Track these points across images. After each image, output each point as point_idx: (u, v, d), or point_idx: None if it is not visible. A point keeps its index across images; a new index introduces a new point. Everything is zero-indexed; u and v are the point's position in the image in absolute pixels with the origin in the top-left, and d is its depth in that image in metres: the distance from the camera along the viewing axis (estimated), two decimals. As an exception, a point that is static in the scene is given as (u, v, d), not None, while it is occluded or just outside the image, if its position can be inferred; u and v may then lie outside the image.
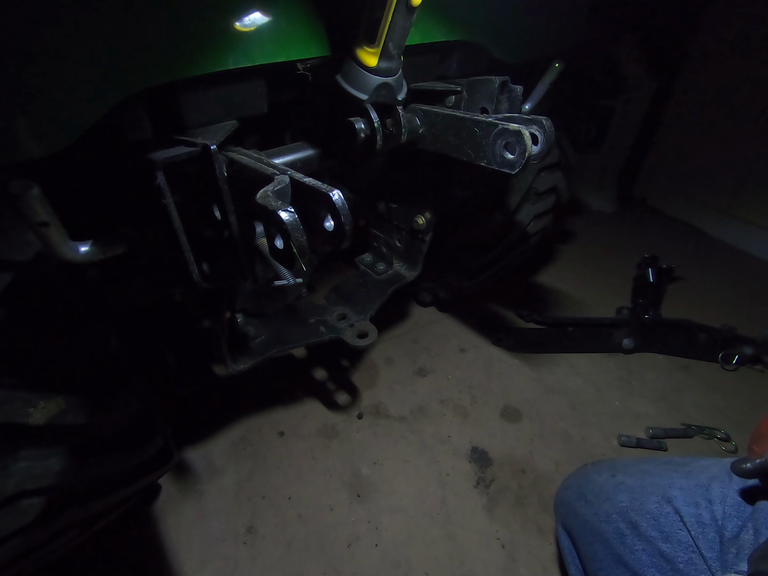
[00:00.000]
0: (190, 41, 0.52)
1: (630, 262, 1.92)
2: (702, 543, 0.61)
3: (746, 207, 1.99)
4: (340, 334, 0.94)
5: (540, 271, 1.88)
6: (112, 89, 0.48)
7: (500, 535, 0.99)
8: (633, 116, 2.13)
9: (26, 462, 0.57)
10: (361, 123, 0.68)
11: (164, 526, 0.99)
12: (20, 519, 0.59)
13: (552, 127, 0.64)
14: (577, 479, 0.84)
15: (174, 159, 0.54)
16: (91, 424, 0.64)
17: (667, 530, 0.64)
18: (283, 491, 1.06)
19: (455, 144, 0.70)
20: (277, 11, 0.57)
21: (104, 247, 0.58)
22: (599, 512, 0.73)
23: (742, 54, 1.84)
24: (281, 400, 1.28)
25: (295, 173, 0.50)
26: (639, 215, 2.35)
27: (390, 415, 1.25)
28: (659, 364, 1.43)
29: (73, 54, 0.45)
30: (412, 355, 1.45)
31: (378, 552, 0.96)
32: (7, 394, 0.54)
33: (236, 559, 0.94)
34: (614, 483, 0.75)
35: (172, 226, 0.57)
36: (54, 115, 0.46)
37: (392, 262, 1.12)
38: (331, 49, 0.63)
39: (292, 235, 0.43)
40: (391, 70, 0.62)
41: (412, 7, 0.54)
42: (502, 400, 1.30)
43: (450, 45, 0.78)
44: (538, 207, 1.27)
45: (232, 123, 0.63)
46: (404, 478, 1.10)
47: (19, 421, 0.55)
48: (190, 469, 1.10)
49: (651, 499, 0.68)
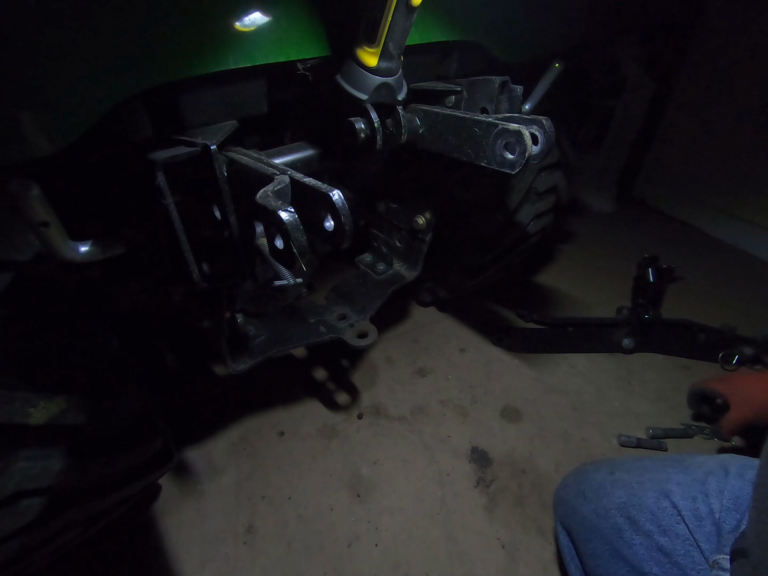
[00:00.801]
0: (190, 41, 0.52)
1: (630, 262, 1.92)
2: (699, 536, 0.62)
3: (746, 207, 1.99)
4: (340, 334, 0.94)
5: (540, 271, 1.88)
6: (112, 89, 0.48)
7: (500, 535, 0.99)
8: (633, 116, 2.13)
9: (26, 462, 0.57)
10: (361, 123, 0.68)
11: (164, 526, 0.99)
12: (20, 519, 0.59)
13: (552, 127, 0.64)
14: (575, 477, 0.85)
15: (174, 159, 0.54)
16: (91, 424, 0.64)
17: (664, 524, 0.66)
18: (283, 491, 1.06)
19: (455, 144, 0.70)
20: (277, 11, 0.57)
21: (104, 247, 0.58)
22: (598, 508, 0.74)
23: (742, 54, 1.84)
24: (281, 400, 1.28)
25: (295, 173, 0.50)
26: (639, 215, 2.35)
27: (390, 415, 1.25)
28: (659, 364, 1.43)
29: (73, 54, 0.45)
30: (412, 355, 1.45)
31: (378, 552, 0.96)
32: (7, 394, 0.54)
33: (236, 559, 0.94)
34: (612, 480, 0.76)
35: (172, 226, 0.57)
36: (54, 115, 0.46)
37: (392, 262, 1.12)
38: (331, 49, 0.63)
39: (292, 235, 0.43)
40: (391, 70, 0.62)
41: (412, 7, 0.54)
42: (502, 400, 1.30)
43: (450, 45, 0.78)
44: (538, 207, 1.27)
45: (232, 123, 0.63)
46: (404, 478, 1.10)
47: (19, 421, 0.55)
48: (190, 469, 1.10)
49: (649, 495, 0.69)
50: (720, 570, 0.58)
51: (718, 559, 0.59)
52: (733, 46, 1.87)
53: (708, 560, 0.61)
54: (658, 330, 1.46)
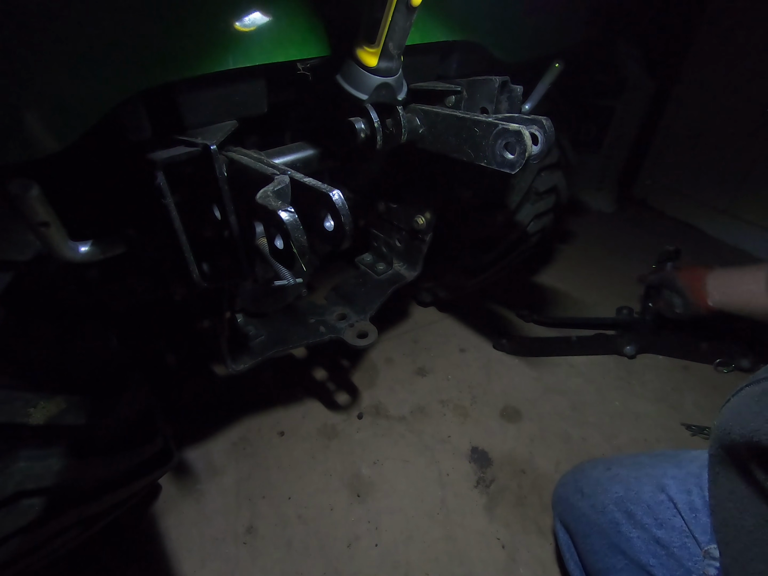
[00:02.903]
0: (190, 41, 0.52)
1: (630, 262, 1.92)
2: (695, 527, 0.64)
3: (746, 207, 1.99)
4: (340, 334, 0.94)
5: (540, 271, 1.88)
6: (112, 89, 0.48)
7: (500, 535, 0.99)
8: (633, 116, 2.12)
9: (26, 462, 0.57)
10: (361, 123, 0.68)
11: (164, 526, 0.99)
12: (20, 519, 0.59)
13: (552, 127, 0.64)
14: (573, 475, 0.86)
15: (174, 159, 0.54)
16: (91, 424, 0.64)
17: (661, 517, 0.67)
18: (283, 491, 1.06)
19: (455, 144, 0.70)
20: (277, 11, 0.57)
21: (104, 247, 0.58)
22: (596, 504, 0.75)
23: (742, 54, 1.84)
24: (281, 400, 1.28)
25: (295, 173, 0.50)
26: (639, 215, 2.35)
27: (390, 415, 1.25)
28: (659, 365, 1.43)
29: (73, 54, 0.45)
30: (412, 355, 1.45)
31: (378, 552, 0.96)
32: (7, 394, 0.54)
33: (236, 559, 0.94)
34: (609, 476, 0.77)
35: (172, 226, 0.57)
36: (53, 115, 0.46)
37: (392, 262, 1.12)
38: (331, 49, 0.63)
39: (292, 235, 0.42)
40: (391, 70, 0.62)
41: (412, 7, 0.54)
42: (502, 400, 1.30)
43: (450, 45, 0.78)
44: (538, 207, 1.27)
45: (232, 123, 0.62)
46: (404, 478, 1.10)
47: (19, 421, 0.55)
48: (190, 469, 1.10)
49: (645, 489, 0.70)
50: (711, 559, 0.60)
51: (709, 549, 0.61)
52: (733, 47, 1.87)
53: (702, 550, 0.62)
54: (663, 336, 1.45)
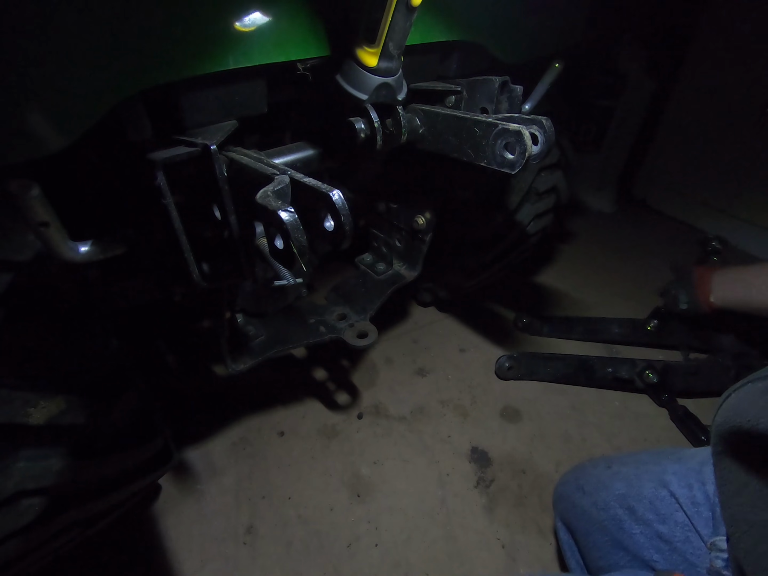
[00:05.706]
0: (190, 41, 0.52)
1: (630, 262, 1.93)
2: (697, 521, 0.64)
3: (746, 207, 1.99)
4: (340, 334, 0.94)
5: (540, 271, 1.88)
6: (112, 89, 0.48)
7: (500, 535, 0.99)
8: (633, 116, 2.12)
9: (26, 462, 0.57)
10: (361, 123, 0.68)
11: (164, 526, 0.99)
12: (20, 519, 0.59)
13: (552, 127, 0.64)
14: (574, 473, 0.86)
15: (174, 159, 0.54)
16: (91, 424, 0.64)
17: (663, 512, 0.67)
18: (283, 491, 1.06)
19: (455, 144, 0.70)
20: (277, 11, 0.57)
21: (104, 247, 0.58)
22: (597, 501, 0.75)
23: (742, 54, 1.84)
24: (281, 400, 1.28)
25: (295, 173, 0.50)
26: (639, 215, 2.35)
27: (390, 415, 1.25)
28: (659, 364, 1.43)
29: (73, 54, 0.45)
30: (412, 355, 1.45)
31: (378, 552, 0.96)
32: (7, 394, 0.54)
33: (236, 559, 0.94)
34: (610, 473, 0.78)
35: (172, 226, 0.57)
36: (54, 115, 0.46)
37: (392, 262, 1.12)
38: (331, 49, 0.63)
39: (292, 235, 0.43)
40: (391, 70, 0.62)
41: (412, 7, 0.54)
42: (502, 400, 1.30)
43: (450, 45, 0.78)
44: (538, 207, 1.27)
45: (232, 123, 0.62)
46: (404, 478, 1.10)
47: (19, 421, 0.55)
48: (190, 469, 1.10)
49: (647, 485, 0.71)
50: (718, 551, 0.60)
51: (715, 541, 0.61)
52: (734, 47, 1.87)
53: (706, 543, 0.63)
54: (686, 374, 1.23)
